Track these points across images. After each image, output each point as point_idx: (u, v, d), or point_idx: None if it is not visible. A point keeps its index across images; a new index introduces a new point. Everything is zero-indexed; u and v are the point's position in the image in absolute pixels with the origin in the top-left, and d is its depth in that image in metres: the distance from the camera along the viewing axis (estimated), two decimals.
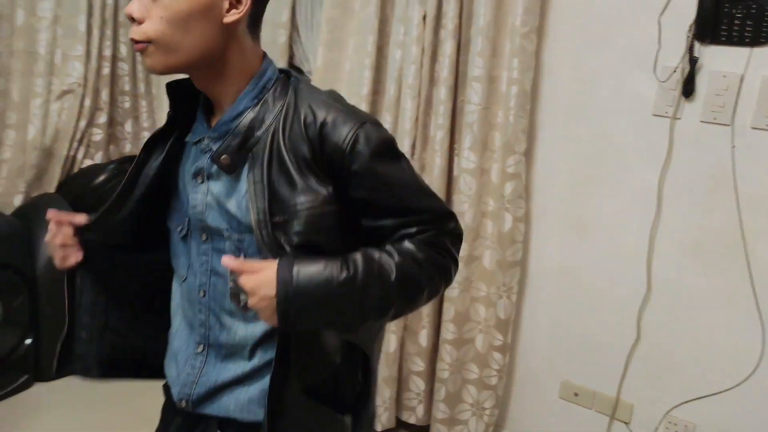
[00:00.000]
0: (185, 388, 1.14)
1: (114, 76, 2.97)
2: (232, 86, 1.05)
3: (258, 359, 1.10)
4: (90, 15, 2.76)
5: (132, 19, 0.99)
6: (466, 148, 2.20)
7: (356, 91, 2.35)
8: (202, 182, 1.10)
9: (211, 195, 1.08)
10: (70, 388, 2.66)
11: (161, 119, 3.03)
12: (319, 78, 2.40)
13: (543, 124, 2.23)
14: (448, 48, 2.16)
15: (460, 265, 2.25)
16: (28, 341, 2.60)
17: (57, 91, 2.81)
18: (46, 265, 2.60)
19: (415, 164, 2.28)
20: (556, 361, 2.33)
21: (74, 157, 2.94)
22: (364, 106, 2.32)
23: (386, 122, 2.28)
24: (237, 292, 0.98)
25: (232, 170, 1.05)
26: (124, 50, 2.96)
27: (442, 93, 2.20)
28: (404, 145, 2.24)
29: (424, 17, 2.16)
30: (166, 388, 1.23)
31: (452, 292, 2.28)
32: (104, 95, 2.93)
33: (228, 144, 1.04)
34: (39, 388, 2.65)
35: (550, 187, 2.25)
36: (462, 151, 2.22)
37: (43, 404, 2.57)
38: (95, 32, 2.80)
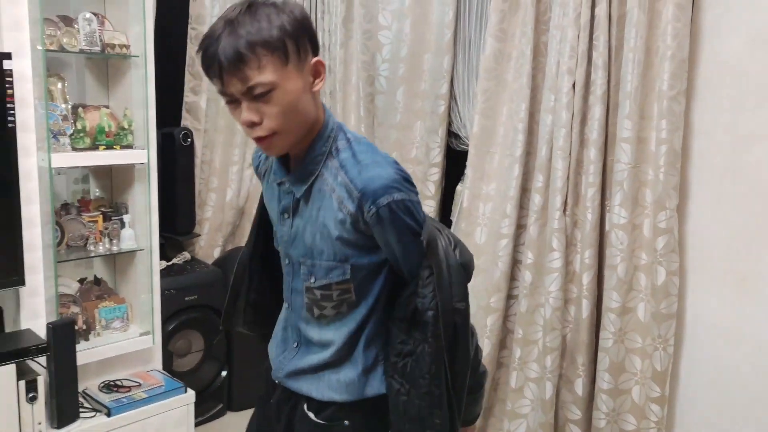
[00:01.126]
0: (279, 372, 1.41)
1: None
2: (305, 139, 1.24)
3: (329, 355, 1.34)
4: None
5: (252, 124, 1.15)
6: (616, 204, 2.32)
7: (510, 152, 2.56)
8: (288, 218, 1.31)
9: (291, 228, 1.31)
10: None
11: None
12: (475, 142, 2.64)
13: (695, 182, 2.29)
14: (597, 112, 2.31)
15: (613, 316, 2.35)
16: (224, 374, 3.02)
17: (250, 159, 3.28)
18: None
19: (568, 220, 2.43)
20: (718, 417, 2.31)
21: None
22: (517, 167, 2.53)
23: (538, 181, 2.46)
24: (312, 305, 1.27)
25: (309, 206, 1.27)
26: None
27: (592, 153, 2.34)
28: (556, 202, 2.40)
29: (574, 85, 2.34)
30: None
31: (606, 342, 2.37)
32: None
33: (308, 186, 1.26)
34: (231, 417, 3.05)
35: (706, 242, 2.28)
36: (613, 207, 2.33)
37: (234, 431, 2.96)
38: None
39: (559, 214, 2.41)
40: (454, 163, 2.94)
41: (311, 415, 1.36)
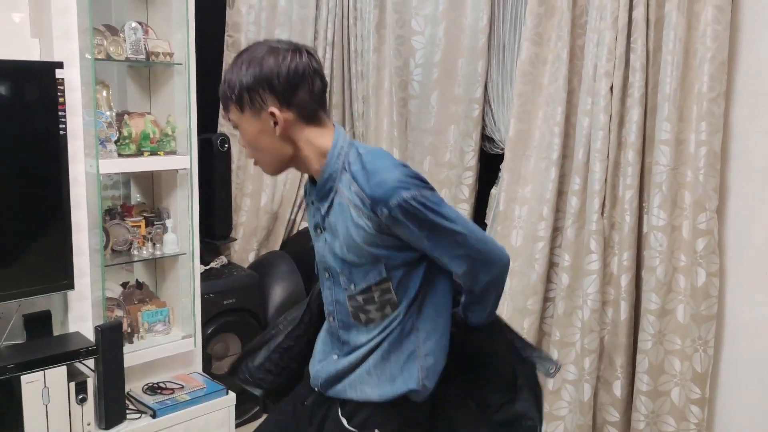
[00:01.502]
0: (317, 380, 1.48)
1: None
2: (316, 163, 1.36)
3: (368, 350, 1.41)
4: None
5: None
6: (655, 206, 2.33)
7: (546, 155, 2.58)
8: (320, 233, 1.41)
9: (325, 242, 1.39)
10: None
11: None
12: (511, 146, 2.66)
13: (735, 183, 2.29)
14: (635, 115, 2.33)
15: (652, 317, 2.35)
16: None
17: None
18: (276, 310, 3.06)
19: (605, 222, 2.45)
20: (759, 419, 2.31)
21: (294, 220, 3.44)
22: (553, 170, 2.55)
23: (575, 184, 2.48)
24: (357, 313, 1.38)
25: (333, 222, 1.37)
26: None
27: (630, 155, 2.35)
28: (594, 205, 2.42)
29: (611, 88, 2.35)
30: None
31: (645, 344, 2.37)
32: None
33: (329, 202, 1.35)
34: None
35: (746, 243, 2.28)
36: (651, 209, 2.34)
37: None
38: None
39: (597, 217, 2.43)
40: (488, 166, 2.97)
41: (344, 421, 1.40)
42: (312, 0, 3.15)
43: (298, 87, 1.31)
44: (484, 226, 2.94)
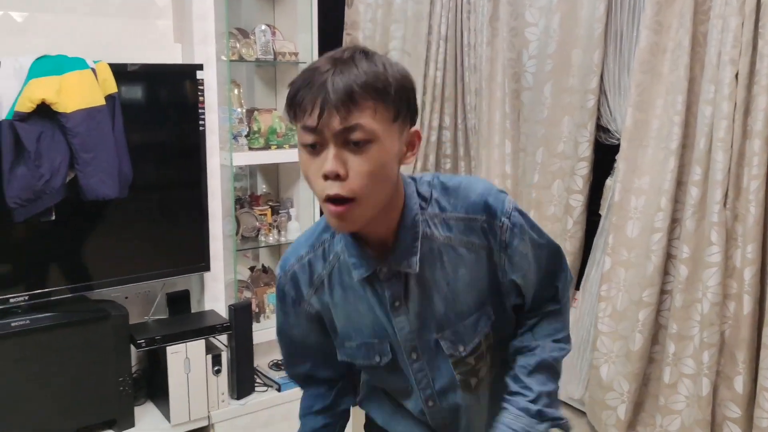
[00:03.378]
0: None
1: (439, 142, 3.52)
2: (392, 211, 1.06)
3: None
4: (424, 93, 3.35)
5: (336, 176, 0.94)
6: None
7: (665, 146, 2.53)
8: (401, 305, 1.11)
9: (408, 315, 1.11)
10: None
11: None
12: (628, 136, 2.63)
13: None
14: (761, 103, 2.24)
15: None
16: None
17: None
18: None
19: (728, 214, 2.37)
20: None
21: None
22: (672, 160, 2.50)
23: (696, 174, 2.42)
24: (468, 379, 1.17)
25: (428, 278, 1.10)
26: (447, 120, 3.49)
27: (756, 145, 2.27)
28: (716, 196, 2.36)
29: (737, 76, 2.28)
30: None
31: None
32: (431, 159, 3.50)
33: (420, 259, 1.07)
34: None
35: None
36: None
37: None
38: (427, 107, 3.39)
39: (719, 208, 2.36)
40: (601, 156, 2.94)
41: None
42: None
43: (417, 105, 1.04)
44: (598, 217, 2.92)
